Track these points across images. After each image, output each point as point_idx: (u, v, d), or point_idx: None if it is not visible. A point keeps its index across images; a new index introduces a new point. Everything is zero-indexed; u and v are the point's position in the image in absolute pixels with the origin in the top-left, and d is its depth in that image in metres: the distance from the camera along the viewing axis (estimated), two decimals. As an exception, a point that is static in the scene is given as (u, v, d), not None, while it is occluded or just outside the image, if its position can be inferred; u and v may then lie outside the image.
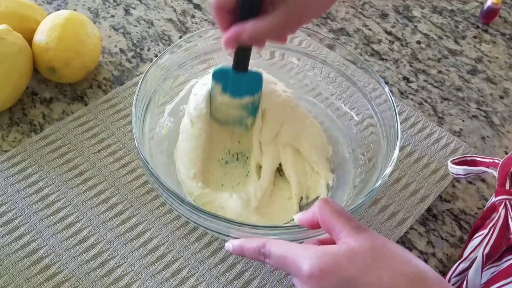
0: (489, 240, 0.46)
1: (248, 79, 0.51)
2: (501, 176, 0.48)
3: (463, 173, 0.52)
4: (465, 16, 0.82)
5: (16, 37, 0.58)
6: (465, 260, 0.47)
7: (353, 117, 0.58)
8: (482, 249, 0.46)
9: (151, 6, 0.77)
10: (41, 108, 0.62)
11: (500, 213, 0.46)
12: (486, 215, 0.51)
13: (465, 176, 0.53)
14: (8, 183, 0.54)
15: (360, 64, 0.56)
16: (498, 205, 0.47)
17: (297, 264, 0.36)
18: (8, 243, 0.50)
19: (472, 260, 0.47)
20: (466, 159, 0.53)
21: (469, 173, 0.52)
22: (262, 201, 0.53)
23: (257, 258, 0.40)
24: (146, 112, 0.52)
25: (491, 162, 0.50)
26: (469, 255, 0.47)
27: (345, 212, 0.38)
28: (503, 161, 0.48)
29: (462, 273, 0.47)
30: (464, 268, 0.47)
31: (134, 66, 0.68)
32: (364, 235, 0.36)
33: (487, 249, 0.45)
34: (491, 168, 0.50)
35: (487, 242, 0.46)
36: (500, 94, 0.70)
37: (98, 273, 0.49)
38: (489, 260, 0.46)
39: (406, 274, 0.34)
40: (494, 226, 0.46)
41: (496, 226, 0.46)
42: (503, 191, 0.47)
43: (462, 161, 0.53)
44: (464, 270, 0.47)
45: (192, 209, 0.43)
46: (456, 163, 0.53)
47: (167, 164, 0.54)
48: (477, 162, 0.52)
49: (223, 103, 0.53)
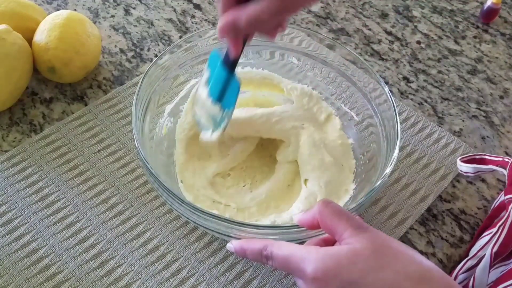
0: (498, 238, 0.45)
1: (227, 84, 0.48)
2: (510, 175, 0.48)
3: (473, 171, 0.52)
4: (465, 16, 0.82)
5: (16, 37, 0.58)
6: (473, 258, 0.47)
7: (353, 117, 0.58)
8: (490, 247, 0.45)
9: (151, 6, 0.77)
10: (41, 108, 0.62)
11: (510, 211, 0.46)
12: (494, 214, 0.51)
13: (474, 175, 0.53)
14: (8, 183, 0.54)
15: (360, 64, 0.56)
16: (507, 204, 0.47)
17: (301, 266, 0.36)
18: (8, 243, 0.50)
19: (480, 258, 0.46)
20: (475, 157, 0.53)
21: (478, 171, 0.52)
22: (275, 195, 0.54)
23: (259, 260, 0.40)
24: (146, 112, 0.52)
25: (500, 161, 0.50)
26: (477, 252, 0.47)
27: (346, 212, 0.38)
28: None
29: (469, 270, 0.47)
30: (471, 266, 0.47)
31: (134, 66, 0.68)
32: (366, 235, 0.36)
33: (496, 247, 0.45)
34: (500, 167, 0.50)
35: (496, 240, 0.46)
36: (500, 94, 0.70)
37: (98, 273, 0.49)
38: (497, 258, 0.45)
39: (409, 275, 0.34)
40: (504, 225, 0.46)
41: (505, 225, 0.46)
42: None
43: (471, 159, 0.53)
44: (471, 267, 0.47)
45: (192, 209, 0.43)
46: (465, 161, 0.53)
47: (167, 164, 0.54)
48: (486, 160, 0.52)
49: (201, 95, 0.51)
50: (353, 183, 0.54)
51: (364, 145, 0.56)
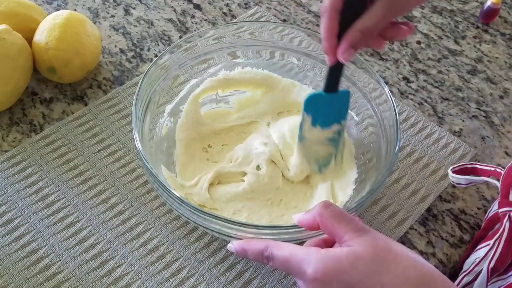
0: (494, 253, 0.45)
1: (337, 101, 0.50)
2: (504, 187, 0.47)
3: (465, 182, 0.51)
4: (465, 16, 0.82)
5: (16, 37, 0.58)
6: (470, 273, 0.46)
7: (353, 117, 0.58)
8: (487, 263, 0.45)
9: (151, 6, 0.77)
10: (41, 108, 0.62)
11: (505, 225, 0.45)
12: (488, 225, 0.50)
13: (466, 185, 0.52)
14: (8, 183, 0.54)
15: (360, 64, 0.56)
16: (502, 217, 0.46)
17: (301, 268, 0.36)
18: (8, 243, 0.50)
19: (477, 274, 0.46)
20: (466, 167, 0.52)
21: (470, 182, 0.51)
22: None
23: (260, 261, 0.40)
24: (146, 112, 0.52)
25: (492, 170, 0.49)
26: (474, 267, 0.46)
27: (346, 214, 0.38)
28: (506, 172, 0.47)
29: (466, 286, 0.47)
30: (469, 281, 0.46)
31: (134, 66, 0.68)
32: (366, 237, 0.36)
33: (492, 263, 0.45)
34: (492, 178, 0.49)
35: (492, 255, 0.45)
36: (500, 94, 0.70)
37: (98, 273, 0.49)
38: (494, 274, 0.45)
39: (410, 279, 0.34)
40: (499, 239, 0.45)
41: (501, 239, 0.45)
42: (506, 203, 0.46)
43: (463, 169, 0.52)
44: (468, 283, 0.47)
45: (192, 209, 0.43)
46: (456, 172, 0.52)
47: (167, 164, 0.54)
48: (477, 170, 0.50)
49: (312, 140, 0.53)
50: (353, 183, 0.54)
51: (364, 145, 0.56)
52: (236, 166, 0.54)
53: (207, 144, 0.58)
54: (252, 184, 0.53)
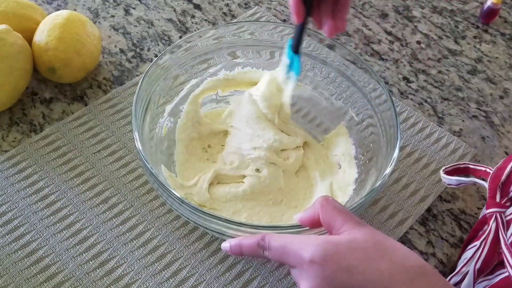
0: (480, 254, 0.45)
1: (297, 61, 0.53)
2: (491, 188, 0.47)
3: (455, 183, 0.51)
4: (465, 16, 0.82)
5: (16, 37, 0.58)
6: (457, 274, 0.47)
7: (353, 117, 0.58)
8: (473, 264, 0.45)
9: (151, 6, 0.77)
10: (41, 108, 0.62)
11: (491, 226, 0.45)
12: (478, 227, 0.50)
13: (457, 186, 0.52)
14: (8, 183, 0.54)
15: (360, 64, 0.56)
16: (489, 218, 0.45)
17: (298, 252, 0.36)
18: (8, 243, 0.50)
19: (464, 274, 0.46)
20: (459, 167, 0.52)
21: (460, 183, 0.51)
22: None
23: (255, 252, 0.40)
24: (146, 112, 0.52)
25: (482, 171, 0.49)
26: (461, 268, 0.46)
27: (346, 210, 0.39)
28: (493, 173, 0.47)
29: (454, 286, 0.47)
30: (456, 282, 0.47)
31: (134, 66, 0.68)
32: (366, 229, 0.36)
33: (478, 264, 0.45)
34: (481, 179, 0.49)
35: (478, 257, 0.45)
36: (500, 94, 0.70)
37: (98, 273, 0.49)
38: (480, 275, 0.45)
39: (406, 267, 0.34)
40: (485, 240, 0.45)
41: (487, 240, 0.45)
42: (493, 204, 0.46)
43: (455, 169, 0.52)
44: (456, 283, 0.47)
45: (192, 209, 0.43)
46: (448, 172, 0.52)
47: (167, 164, 0.54)
48: (470, 169, 0.51)
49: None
50: (353, 183, 0.54)
51: (364, 145, 0.56)
52: (234, 170, 0.54)
53: (207, 144, 0.58)
54: (252, 185, 0.53)
